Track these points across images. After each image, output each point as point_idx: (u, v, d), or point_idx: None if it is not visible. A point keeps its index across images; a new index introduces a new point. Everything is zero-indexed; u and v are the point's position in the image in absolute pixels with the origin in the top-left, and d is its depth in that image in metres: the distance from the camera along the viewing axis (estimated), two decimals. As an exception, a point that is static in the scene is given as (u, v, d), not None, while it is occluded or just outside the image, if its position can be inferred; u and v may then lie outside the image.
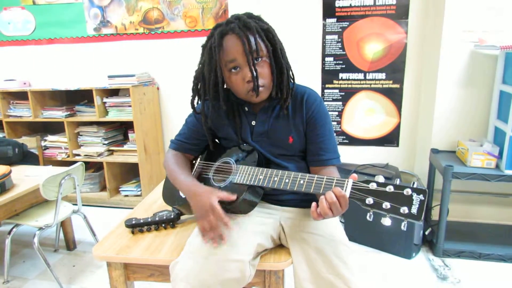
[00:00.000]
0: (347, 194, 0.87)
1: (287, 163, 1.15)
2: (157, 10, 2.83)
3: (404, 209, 0.81)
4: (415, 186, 0.82)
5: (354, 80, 2.54)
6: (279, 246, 1.12)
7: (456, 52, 2.14)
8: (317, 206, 0.89)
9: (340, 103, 2.61)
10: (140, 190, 2.89)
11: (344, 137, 2.65)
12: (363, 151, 2.65)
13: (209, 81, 1.07)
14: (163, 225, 1.24)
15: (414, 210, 0.81)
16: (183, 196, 1.20)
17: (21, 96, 2.95)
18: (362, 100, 2.57)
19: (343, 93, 2.58)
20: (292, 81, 1.12)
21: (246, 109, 1.15)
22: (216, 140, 1.28)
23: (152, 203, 1.46)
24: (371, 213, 0.86)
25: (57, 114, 2.87)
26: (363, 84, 2.54)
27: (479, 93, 2.17)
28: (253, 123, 1.15)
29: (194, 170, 1.25)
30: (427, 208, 2.28)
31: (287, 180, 0.98)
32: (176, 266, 0.99)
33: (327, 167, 1.13)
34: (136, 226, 1.22)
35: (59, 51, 3.10)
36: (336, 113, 2.63)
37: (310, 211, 0.90)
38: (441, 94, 2.21)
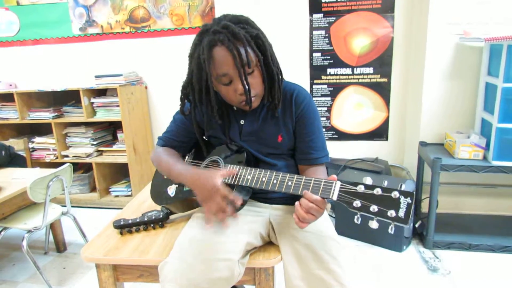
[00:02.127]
0: (335, 197, 0.87)
1: (276, 161, 1.15)
2: (143, 8, 2.80)
3: (391, 213, 0.81)
4: (402, 188, 0.82)
5: (342, 75, 2.55)
6: (269, 244, 1.12)
7: (442, 44, 2.16)
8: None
9: (329, 98, 2.61)
10: (131, 190, 2.88)
11: (334, 132, 2.66)
12: (353, 145, 2.66)
13: (199, 92, 1.05)
14: (152, 225, 1.23)
15: (401, 213, 0.81)
16: (172, 195, 1.20)
17: (7, 98, 2.90)
18: (351, 95, 2.58)
19: (332, 89, 2.59)
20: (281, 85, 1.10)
21: (235, 108, 1.14)
22: (204, 138, 1.27)
23: (141, 203, 1.45)
24: (358, 215, 0.86)
25: (44, 116, 2.83)
26: (351, 79, 2.55)
27: (465, 85, 2.20)
28: (242, 122, 1.14)
29: None
30: (416, 201, 2.30)
31: (275, 181, 0.97)
32: (165, 266, 0.98)
33: (316, 166, 1.14)
34: (125, 227, 1.21)
35: (44, 52, 3.05)
36: (325, 108, 2.63)
37: (294, 221, 0.91)
38: (428, 87, 2.23)
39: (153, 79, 2.94)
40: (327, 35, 2.50)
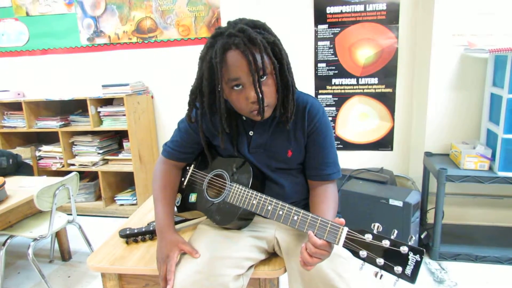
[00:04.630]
0: (341, 244, 0.84)
1: (284, 180, 1.10)
2: (150, 19, 2.85)
3: (398, 269, 0.77)
4: (411, 243, 0.78)
5: (347, 85, 2.56)
6: (274, 254, 1.12)
7: (447, 55, 2.17)
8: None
9: (334, 108, 2.62)
10: (136, 199, 2.88)
11: (339, 142, 2.66)
12: (358, 155, 2.66)
13: (208, 97, 0.99)
14: (158, 234, 1.24)
15: (408, 271, 0.76)
16: (177, 204, 1.20)
17: (15, 106, 2.94)
18: (356, 105, 2.59)
19: (336, 99, 2.60)
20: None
21: (244, 118, 1.08)
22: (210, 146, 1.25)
23: (147, 212, 1.46)
24: (363, 264, 0.82)
25: (51, 124, 2.87)
26: (356, 89, 2.56)
27: (471, 96, 2.20)
28: (251, 133, 1.08)
29: (186, 178, 1.24)
30: (422, 212, 2.28)
31: (280, 213, 0.94)
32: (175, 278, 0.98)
33: (327, 183, 1.09)
34: (130, 236, 1.22)
35: (53, 62, 3.10)
36: (330, 118, 2.64)
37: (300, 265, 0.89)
38: (433, 98, 2.23)
39: (159, 88, 2.97)
40: (332, 45, 2.52)
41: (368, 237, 0.81)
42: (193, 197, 1.17)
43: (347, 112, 2.62)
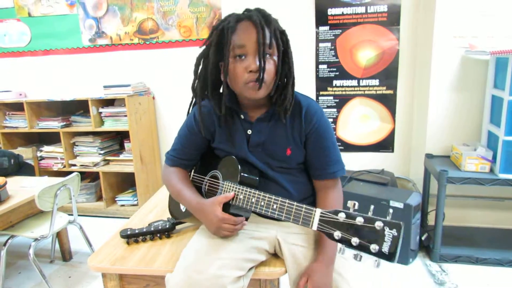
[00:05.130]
0: (315, 226, 0.81)
1: (284, 179, 1.11)
2: (151, 20, 2.86)
3: (374, 247, 0.71)
4: (388, 219, 0.72)
5: (348, 87, 2.56)
6: (274, 255, 1.12)
7: (448, 57, 2.17)
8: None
9: (335, 109, 2.62)
10: (137, 200, 2.89)
11: (340, 144, 2.66)
12: (359, 157, 2.66)
13: (213, 63, 1.03)
14: (158, 235, 1.24)
15: (385, 248, 0.70)
16: (183, 210, 1.21)
17: (17, 107, 2.95)
18: (357, 107, 2.59)
19: (337, 100, 2.60)
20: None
21: (242, 116, 1.09)
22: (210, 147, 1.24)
23: (148, 213, 1.46)
24: (341, 247, 0.77)
25: (53, 125, 2.87)
26: (357, 90, 2.56)
27: (472, 98, 2.20)
28: (249, 132, 1.09)
29: None
30: (423, 213, 2.28)
31: (262, 203, 0.96)
32: (171, 279, 0.98)
33: (332, 180, 1.10)
34: (131, 237, 1.22)
35: (54, 62, 3.11)
36: (331, 120, 2.64)
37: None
38: (434, 99, 2.24)
39: (160, 89, 2.98)
40: (333, 47, 2.52)
41: (341, 216, 0.77)
42: None
43: (348, 113, 2.62)
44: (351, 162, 2.65)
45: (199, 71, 1.09)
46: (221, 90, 1.06)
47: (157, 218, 1.35)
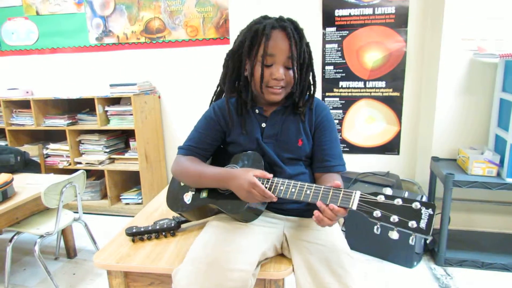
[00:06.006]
0: (355, 206, 0.88)
1: (292, 170, 1.15)
2: (158, 19, 2.87)
3: (412, 223, 0.81)
4: (423, 200, 0.82)
5: (354, 88, 2.55)
6: (280, 255, 1.12)
7: (456, 60, 2.16)
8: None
9: (341, 111, 2.62)
10: (141, 198, 2.90)
11: (345, 145, 2.65)
12: (364, 159, 2.65)
13: (242, 61, 1.12)
14: (164, 233, 1.24)
15: (422, 224, 0.80)
16: (188, 202, 1.20)
17: (23, 104, 2.97)
18: (363, 108, 2.58)
19: (344, 101, 2.60)
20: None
21: (257, 111, 1.17)
22: (222, 146, 1.27)
23: (153, 211, 1.46)
24: (378, 226, 0.86)
25: (59, 123, 2.89)
26: (363, 92, 2.55)
27: (479, 101, 2.18)
28: (263, 125, 1.16)
29: None
30: (428, 216, 2.27)
31: (293, 190, 0.98)
32: (178, 273, 0.98)
33: (332, 174, 1.15)
34: (137, 235, 1.22)
35: (61, 60, 3.13)
36: (337, 121, 2.63)
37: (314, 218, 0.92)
38: (441, 102, 2.22)
39: (166, 89, 2.99)
40: (339, 48, 2.52)
41: (380, 197, 0.86)
42: (204, 193, 1.17)
43: (354, 115, 2.61)
44: (357, 163, 2.63)
45: (228, 66, 1.16)
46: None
47: (162, 217, 1.35)
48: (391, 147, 2.60)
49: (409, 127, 2.55)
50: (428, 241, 2.16)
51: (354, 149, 2.65)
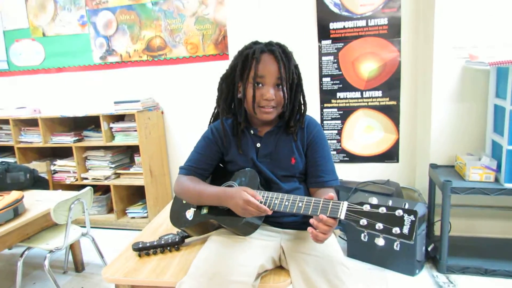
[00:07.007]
0: (343, 215, 0.93)
1: (287, 186, 1.21)
2: (159, 38, 2.95)
3: (396, 230, 0.87)
4: (406, 207, 0.88)
5: (352, 98, 2.61)
6: (278, 267, 1.17)
7: (449, 68, 2.19)
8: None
9: (339, 121, 2.67)
10: (147, 212, 2.95)
11: (345, 155, 2.70)
12: (364, 168, 2.68)
13: (235, 83, 1.20)
14: (168, 248, 1.29)
15: (405, 230, 0.86)
16: (190, 218, 1.26)
17: (31, 123, 3.05)
18: (361, 118, 2.63)
19: (342, 112, 2.65)
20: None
21: (252, 132, 1.25)
22: (221, 165, 1.34)
23: (158, 226, 1.51)
24: (365, 233, 0.91)
25: (65, 140, 2.97)
26: (360, 102, 2.60)
27: (474, 108, 2.21)
28: (258, 145, 1.24)
29: None
30: (429, 223, 2.29)
31: (286, 203, 1.04)
32: (182, 286, 1.03)
33: (326, 188, 1.21)
34: (143, 250, 1.28)
35: (67, 79, 3.22)
36: (336, 131, 2.68)
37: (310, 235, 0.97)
38: (437, 109, 2.26)
39: (169, 104, 3.06)
40: (335, 60, 2.58)
41: (366, 207, 0.93)
42: (204, 210, 1.23)
43: (352, 125, 2.66)
44: (356, 173, 2.66)
45: (222, 89, 1.25)
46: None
47: (167, 232, 1.40)
48: (390, 155, 2.64)
49: (407, 135, 2.59)
50: (429, 249, 2.18)
51: (354, 158, 2.69)
